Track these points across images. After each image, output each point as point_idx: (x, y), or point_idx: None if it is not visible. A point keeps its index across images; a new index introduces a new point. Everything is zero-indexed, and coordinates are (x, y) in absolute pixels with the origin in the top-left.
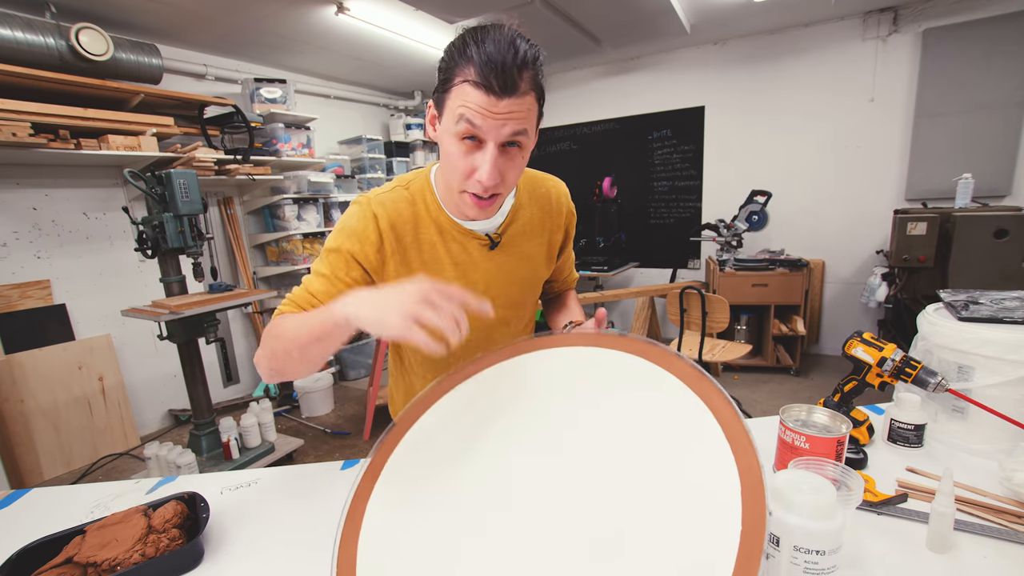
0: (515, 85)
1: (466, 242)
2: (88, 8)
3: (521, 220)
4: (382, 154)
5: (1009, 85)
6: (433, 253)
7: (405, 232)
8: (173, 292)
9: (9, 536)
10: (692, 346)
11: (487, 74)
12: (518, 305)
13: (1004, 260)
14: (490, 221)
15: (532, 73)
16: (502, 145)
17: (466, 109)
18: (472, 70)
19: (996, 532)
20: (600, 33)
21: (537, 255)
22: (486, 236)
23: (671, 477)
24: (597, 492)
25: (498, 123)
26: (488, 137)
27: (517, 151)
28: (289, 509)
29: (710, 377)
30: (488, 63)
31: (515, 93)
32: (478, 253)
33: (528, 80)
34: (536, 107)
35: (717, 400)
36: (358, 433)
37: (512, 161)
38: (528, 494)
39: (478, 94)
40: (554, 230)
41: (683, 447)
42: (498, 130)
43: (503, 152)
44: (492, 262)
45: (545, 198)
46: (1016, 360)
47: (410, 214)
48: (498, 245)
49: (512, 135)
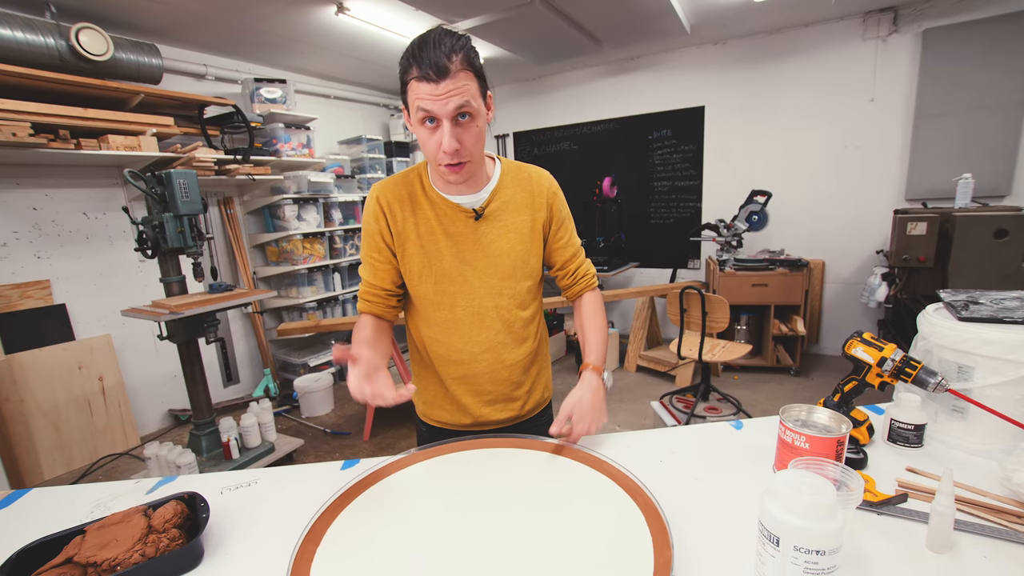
0: (447, 69)
1: (454, 215)
2: (88, 8)
3: (503, 198)
4: (382, 154)
5: (1009, 85)
6: (428, 225)
7: (404, 207)
8: (173, 292)
9: (9, 536)
10: (692, 346)
11: (424, 68)
12: (508, 276)
13: (1004, 260)
14: (475, 196)
15: (461, 55)
16: (454, 119)
17: (418, 99)
18: (414, 68)
19: (996, 532)
20: (600, 33)
21: (521, 229)
22: (472, 209)
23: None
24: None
25: (443, 102)
26: (440, 115)
27: (470, 121)
28: (289, 509)
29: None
30: (424, 60)
31: (448, 75)
32: (465, 224)
33: (459, 62)
34: (475, 81)
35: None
36: (358, 433)
37: (467, 130)
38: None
39: (422, 85)
40: (536, 207)
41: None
42: (444, 107)
43: (457, 124)
44: (477, 232)
45: (527, 180)
46: (1016, 360)
47: (407, 194)
48: (481, 217)
49: (457, 109)
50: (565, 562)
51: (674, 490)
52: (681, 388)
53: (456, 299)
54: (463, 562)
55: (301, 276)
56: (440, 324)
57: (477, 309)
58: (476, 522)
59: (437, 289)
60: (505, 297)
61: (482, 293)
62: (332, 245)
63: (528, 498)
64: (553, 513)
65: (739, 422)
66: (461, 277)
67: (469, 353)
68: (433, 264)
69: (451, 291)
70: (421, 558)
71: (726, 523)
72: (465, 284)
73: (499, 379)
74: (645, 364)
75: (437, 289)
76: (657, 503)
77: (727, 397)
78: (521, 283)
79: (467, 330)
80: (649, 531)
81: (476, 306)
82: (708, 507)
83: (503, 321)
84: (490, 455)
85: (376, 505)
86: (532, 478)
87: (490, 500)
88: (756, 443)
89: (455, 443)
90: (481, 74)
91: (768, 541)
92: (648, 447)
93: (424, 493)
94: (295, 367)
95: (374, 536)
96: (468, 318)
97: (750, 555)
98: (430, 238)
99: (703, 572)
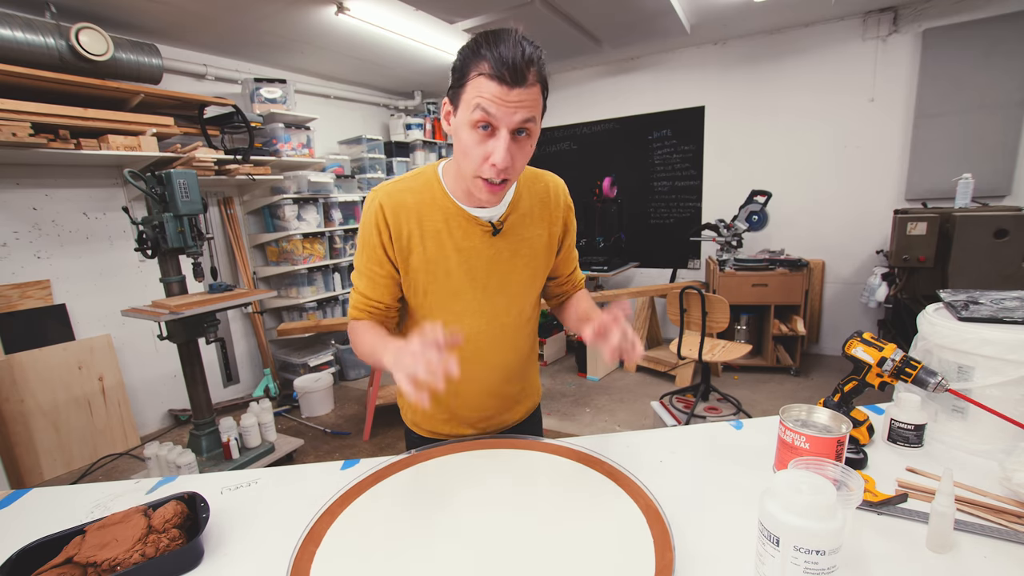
0: (524, 77)
1: (469, 228)
2: (88, 8)
3: (521, 211)
4: (382, 154)
5: (1009, 85)
6: (437, 238)
7: (409, 219)
8: (173, 292)
9: (9, 536)
10: (692, 346)
11: (499, 67)
12: (519, 294)
13: (1004, 260)
14: (494, 209)
15: (537, 69)
16: (513, 132)
17: (481, 99)
18: (486, 65)
19: (996, 532)
20: (600, 33)
21: (537, 245)
22: (489, 223)
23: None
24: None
25: (510, 110)
26: (501, 124)
27: (526, 139)
28: (289, 509)
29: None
30: (500, 58)
31: (524, 84)
32: (480, 239)
33: (534, 74)
34: (541, 99)
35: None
36: (358, 433)
37: (521, 148)
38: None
39: (492, 85)
40: (553, 222)
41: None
42: (510, 117)
43: (514, 139)
44: (494, 248)
45: (544, 192)
46: (1016, 360)
47: (415, 202)
48: (500, 232)
49: (522, 122)
50: (566, 564)
51: (674, 490)
52: (681, 388)
53: (462, 318)
54: (463, 563)
55: (301, 276)
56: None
57: (484, 328)
58: (476, 523)
59: (443, 307)
60: (512, 316)
61: (491, 313)
62: (332, 245)
63: (529, 499)
64: (554, 514)
65: (739, 422)
66: (470, 294)
67: (468, 368)
68: (439, 281)
69: (456, 310)
70: (421, 559)
71: (726, 523)
72: (474, 301)
73: (494, 391)
74: (645, 364)
75: (443, 307)
76: (658, 504)
77: (727, 397)
78: (529, 299)
79: (471, 348)
80: (650, 533)
81: (483, 325)
82: (708, 507)
83: (509, 337)
84: (490, 456)
85: (376, 506)
86: (533, 479)
87: (490, 501)
88: (756, 443)
89: (455, 444)
90: (547, 93)
91: (768, 541)
92: (648, 447)
93: (424, 494)
94: (295, 367)
95: (374, 537)
96: (474, 337)
97: (750, 555)
98: (438, 252)
99: (703, 572)
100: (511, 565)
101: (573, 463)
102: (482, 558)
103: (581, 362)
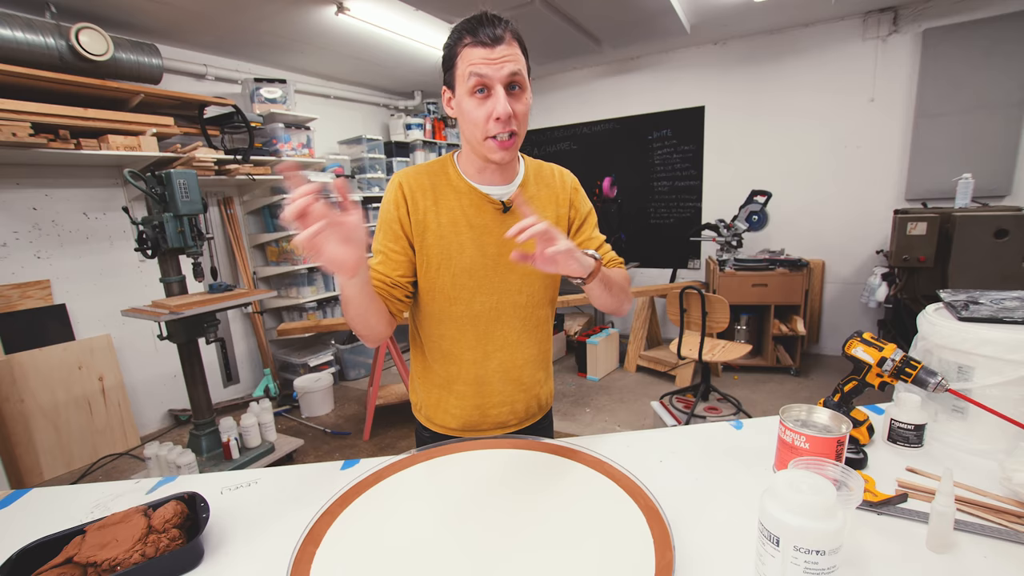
0: (501, 36)
1: (481, 205)
2: (88, 8)
3: (529, 193)
4: (382, 154)
5: (1009, 85)
6: (451, 215)
7: (426, 196)
8: (173, 292)
9: (9, 536)
10: (692, 346)
11: (479, 33)
12: (529, 273)
13: (1004, 260)
14: (505, 188)
15: (511, 29)
16: (507, 88)
17: (472, 65)
18: (468, 36)
19: (996, 532)
20: (600, 33)
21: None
22: (500, 201)
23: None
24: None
25: (498, 66)
26: (494, 81)
27: (520, 92)
28: (289, 509)
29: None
30: (477, 26)
31: (504, 41)
32: (491, 217)
33: (510, 32)
34: (523, 57)
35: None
36: (358, 433)
37: (518, 100)
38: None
39: (477, 50)
40: (560, 203)
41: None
42: (500, 71)
43: (509, 93)
44: (505, 225)
45: (549, 177)
46: (1016, 360)
47: (431, 183)
48: (509, 209)
49: (511, 75)
50: (567, 564)
51: (674, 490)
52: (681, 388)
53: (475, 294)
54: (463, 563)
55: (301, 276)
56: (455, 320)
57: (495, 305)
58: (476, 523)
59: (455, 283)
60: (524, 295)
61: (502, 289)
62: None
63: (529, 499)
64: (554, 514)
65: (739, 422)
66: (482, 271)
67: (483, 351)
68: (453, 256)
69: (470, 286)
70: (421, 559)
71: (726, 523)
72: (485, 279)
73: (510, 378)
74: (645, 364)
75: (455, 283)
76: (658, 504)
77: (727, 397)
78: (541, 281)
79: (483, 326)
80: (650, 533)
81: (495, 302)
82: (708, 507)
83: (520, 319)
84: (490, 456)
85: (376, 506)
86: (533, 479)
87: (490, 501)
88: (756, 443)
89: (455, 444)
90: (527, 54)
91: (768, 541)
92: (648, 447)
93: (424, 494)
94: (295, 367)
95: (374, 537)
96: (485, 314)
97: (750, 555)
98: (452, 228)
99: (703, 571)
100: (511, 565)
101: (573, 463)
102: (482, 558)
103: (581, 362)
